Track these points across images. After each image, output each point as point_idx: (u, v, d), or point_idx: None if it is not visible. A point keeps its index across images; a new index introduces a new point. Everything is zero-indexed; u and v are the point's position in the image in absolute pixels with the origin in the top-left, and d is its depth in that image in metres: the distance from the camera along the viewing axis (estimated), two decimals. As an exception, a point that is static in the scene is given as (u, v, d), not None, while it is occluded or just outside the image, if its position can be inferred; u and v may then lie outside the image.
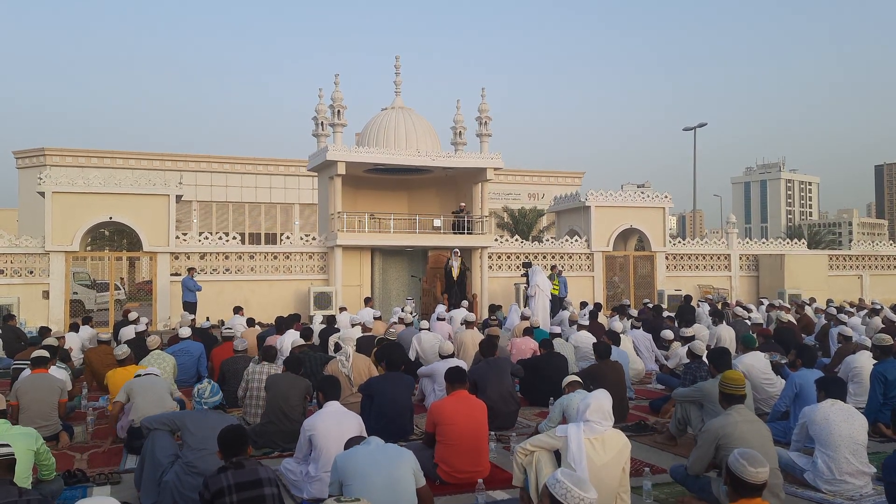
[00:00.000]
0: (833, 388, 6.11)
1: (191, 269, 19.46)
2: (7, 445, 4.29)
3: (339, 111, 22.23)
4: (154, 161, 49.96)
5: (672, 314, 17.19)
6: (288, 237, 22.66)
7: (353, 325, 13.39)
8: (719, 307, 17.45)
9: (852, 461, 5.75)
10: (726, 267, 26.99)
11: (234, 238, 21.77)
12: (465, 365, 8.27)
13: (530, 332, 12.59)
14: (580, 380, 7.10)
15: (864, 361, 8.85)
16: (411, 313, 15.70)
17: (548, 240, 26.85)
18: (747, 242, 28.33)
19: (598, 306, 17.24)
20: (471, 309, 18.32)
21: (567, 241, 25.30)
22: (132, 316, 14.56)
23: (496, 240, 24.36)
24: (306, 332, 10.99)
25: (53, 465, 5.72)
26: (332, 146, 21.70)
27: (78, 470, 6.52)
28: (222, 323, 15.54)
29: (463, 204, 23.37)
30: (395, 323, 14.43)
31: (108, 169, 43.55)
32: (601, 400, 4.93)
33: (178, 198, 20.95)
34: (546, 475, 4.74)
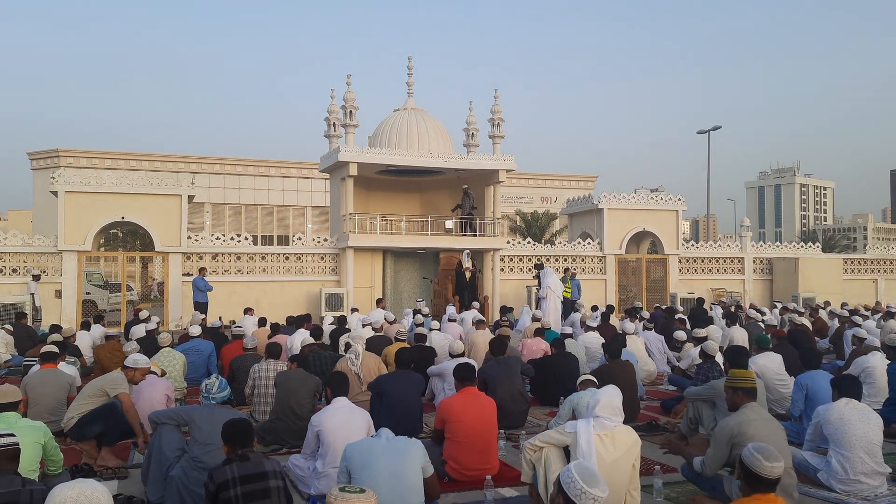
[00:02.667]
0: (848, 386, 6.01)
1: (202, 270, 19.48)
2: (11, 435, 4.26)
3: (351, 112, 22.25)
4: (167, 163, 50.13)
5: (685, 317, 17.06)
6: (299, 238, 22.67)
7: (363, 326, 13.37)
8: (732, 310, 17.31)
9: (867, 461, 5.65)
10: (740, 270, 26.81)
11: (246, 239, 21.80)
12: (475, 365, 8.22)
13: (541, 333, 12.52)
14: (594, 378, 7.02)
15: (875, 362, 8.74)
16: (426, 315, 15.66)
17: (560, 243, 26.75)
18: (761, 246, 28.14)
19: (609, 308, 17.14)
20: (482, 311, 18.26)
21: (579, 243, 25.19)
22: (143, 315, 14.61)
23: (508, 242, 24.27)
24: (316, 332, 10.98)
25: (61, 461, 5.72)
26: (344, 147, 21.73)
27: (85, 464, 6.50)
28: (233, 323, 15.56)
29: (465, 186, 23.19)
30: (393, 323, 14.28)
31: (121, 170, 43.77)
32: (611, 396, 4.87)
33: (191, 198, 21.01)
34: (555, 471, 4.69)
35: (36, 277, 18.62)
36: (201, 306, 18.28)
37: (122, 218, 20.12)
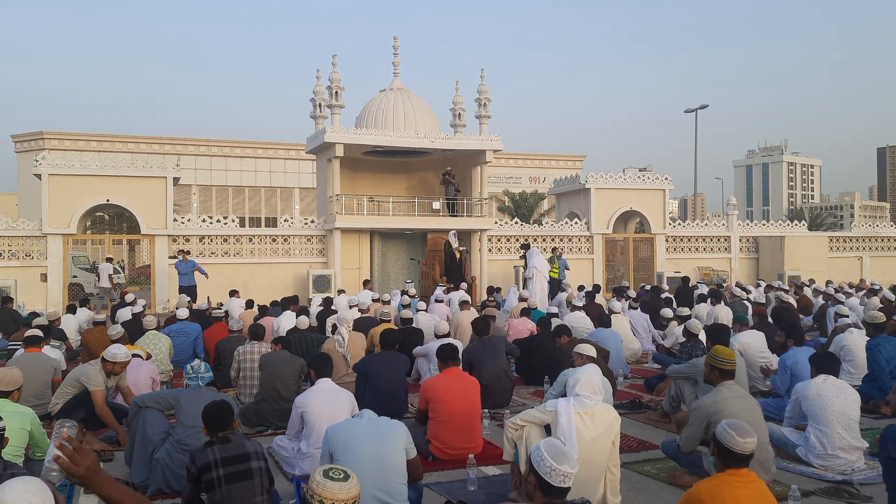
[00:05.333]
0: (826, 363, 6.08)
1: (181, 252, 19.19)
2: None
3: (336, 92, 22.12)
4: (153, 145, 49.79)
5: (671, 296, 17.16)
6: (286, 220, 22.61)
7: (350, 307, 13.39)
8: (717, 289, 17.43)
9: (845, 436, 5.73)
10: (726, 249, 26.95)
11: (233, 221, 21.73)
12: (460, 345, 8.27)
13: (527, 313, 12.57)
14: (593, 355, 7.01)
15: (853, 340, 8.82)
16: (413, 296, 15.70)
17: (548, 223, 26.78)
18: (747, 225, 28.26)
19: (596, 287, 17.24)
20: (470, 291, 18.29)
21: (567, 223, 25.24)
22: (129, 298, 14.58)
23: (496, 223, 24.30)
24: (303, 314, 10.99)
25: (47, 447, 5.72)
26: (329, 128, 21.61)
27: (71, 448, 6.49)
28: (220, 305, 15.55)
29: (449, 168, 23.17)
30: (381, 302, 14.29)
31: (107, 153, 43.43)
32: (591, 374, 4.91)
33: (176, 180, 20.91)
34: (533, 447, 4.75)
35: (109, 260, 18.92)
36: (188, 289, 18.18)
37: (108, 201, 20.02)
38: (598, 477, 4.75)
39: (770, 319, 11.31)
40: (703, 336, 8.71)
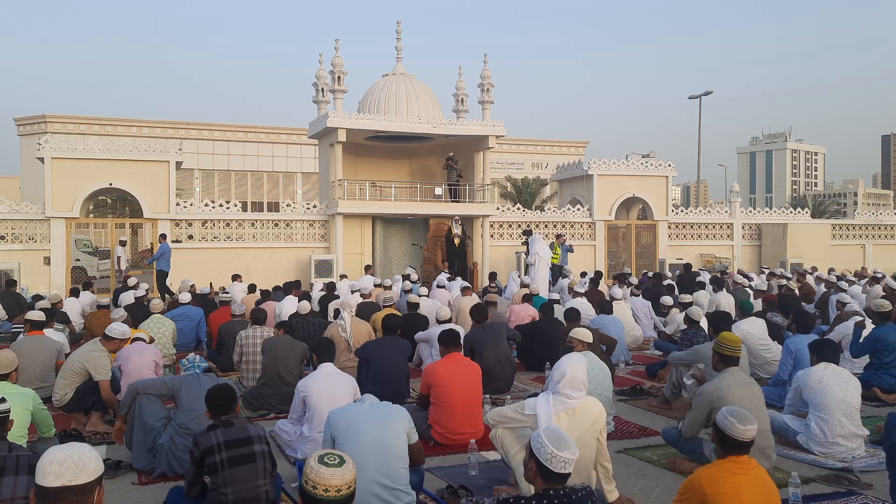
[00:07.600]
0: (826, 351, 6.09)
1: (162, 237, 19.09)
2: (3, 401, 4.29)
3: (339, 77, 22.04)
4: (156, 129, 49.66)
5: (673, 282, 17.16)
6: (288, 204, 22.61)
7: (352, 293, 13.42)
8: (719, 276, 17.43)
9: (846, 424, 5.75)
10: (729, 236, 26.89)
11: (236, 205, 21.73)
12: (462, 331, 8.29)
13: (529, 299, 12.59)
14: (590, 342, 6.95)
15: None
16: (415, 281, 15.72)
17: (550, 209, 26.73)
18: (750, 212, 28.21)
19: (598, 274, 17.22)
20: (471, 278, 18.33)
21: (569, 210, 25.18)
22: (132, 282, 14.62)
23: (498, 209, 24.26)
24: (305, 298, 11.03)
25: (52, 424, 5.77)
26: (332, 113, 21.56)
27: (74, 430, 6.55)
28: (223, 290, 15.59)
29: (451, 154, 23.14)
30: (383, 287, 14.33)
31: (109, 136, 43.33)
32: (576, 368, 4.75)
33: (178, 164, 20.88)
34: (511, 451, 4.82)
35: (122, 243, 19.08)
36: (164, 275, 18.02)
37: (110, 184, 19.99)
38: (588, 473, 4.67)
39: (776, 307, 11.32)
40: (704, 323, 8.72)
